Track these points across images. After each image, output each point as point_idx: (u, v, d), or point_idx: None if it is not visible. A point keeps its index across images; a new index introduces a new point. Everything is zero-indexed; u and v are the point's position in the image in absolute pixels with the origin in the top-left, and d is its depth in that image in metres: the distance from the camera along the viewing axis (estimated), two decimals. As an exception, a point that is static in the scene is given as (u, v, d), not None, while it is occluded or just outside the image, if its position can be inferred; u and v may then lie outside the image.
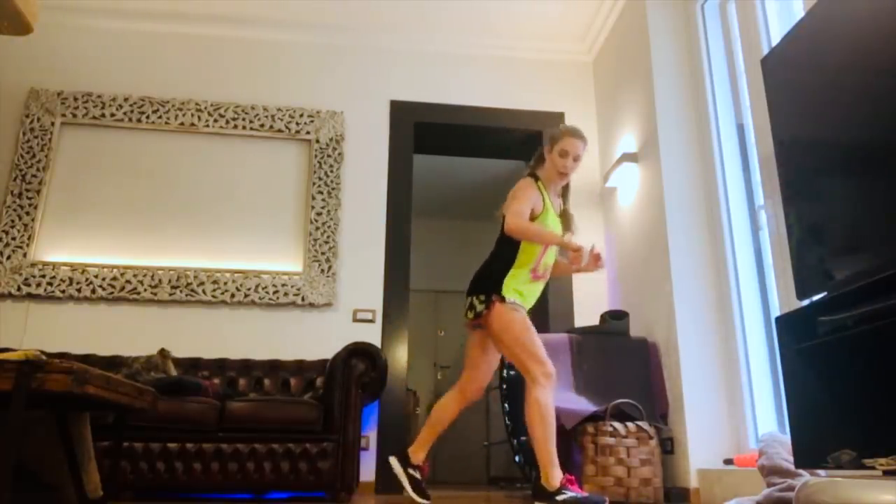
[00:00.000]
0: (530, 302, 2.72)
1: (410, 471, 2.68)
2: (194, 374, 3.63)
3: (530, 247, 2.69)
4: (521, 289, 2.65)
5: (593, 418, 3.08)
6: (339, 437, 3.18)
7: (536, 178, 2.79)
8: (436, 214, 7.67)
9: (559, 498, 2.45)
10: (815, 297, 1.91)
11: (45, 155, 4.09)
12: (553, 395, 2.56)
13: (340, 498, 3.13)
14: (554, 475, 2.49)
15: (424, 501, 2.63)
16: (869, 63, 1.73)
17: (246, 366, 3.77)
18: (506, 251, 2.69)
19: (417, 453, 2.73)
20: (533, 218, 2.68)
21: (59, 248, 3.99)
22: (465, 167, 6.57)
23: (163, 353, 3.51)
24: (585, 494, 2.49)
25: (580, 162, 2.79)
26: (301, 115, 4.40)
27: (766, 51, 3.01)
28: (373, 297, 4.15)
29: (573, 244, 2.64)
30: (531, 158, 2.96)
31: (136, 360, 3.45)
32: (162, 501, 3.21)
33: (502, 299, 2.58)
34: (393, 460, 2.71)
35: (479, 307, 2.61)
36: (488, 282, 2.65)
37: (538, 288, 2.75)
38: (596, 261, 2.72)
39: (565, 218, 2.84)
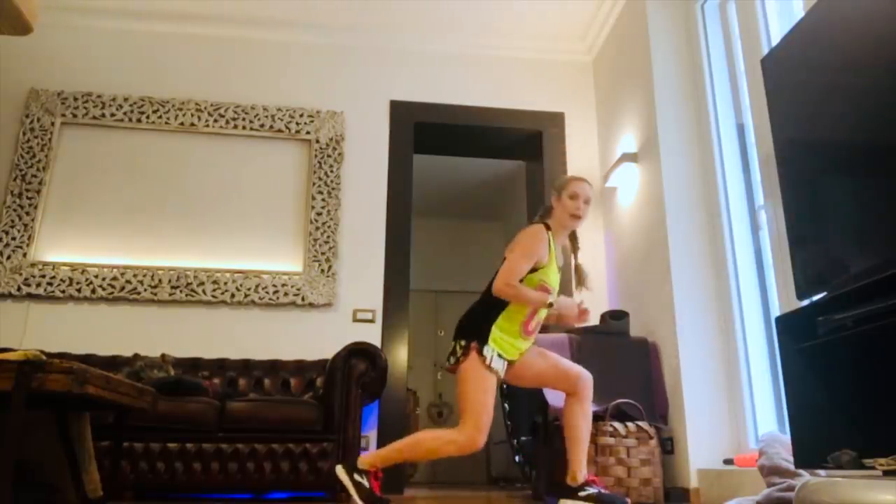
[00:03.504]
0: (520, 353, 2.58)
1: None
2: (194, 374, 3.63)
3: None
4: (510, 342, 2.51)
5: (593, 418, 3.08)
6: (339, 437, 3.19)
7: (548, 228, 2.63)
8: (436, 214, 7.68)
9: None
10: (815, 297, 1.91)
11: (45, 155, 4.09)
12: (450, 454, 2.41)
13: (340, 498, 3.13)
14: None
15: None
16: (869, 63, 1.73)
17: (246, 366, 3.77)
18: (498, 300, 2.52)
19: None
20: (535, 269, 2.52)
21: (59, 248, 3.99)
22: (465, 167, 6.58)
23: (164, 357, 3.52)
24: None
25: (590, 206, 2.66)
26: (301, 115, 4.40)
27: (766, 51, 3.01)
28: (373, 297, 4.15)
29: (564, 307, 2.56)
30: (531, 160, 2.92)
31: (139, 360, 3.46)
32: (162, 501, 3.21)
33: (480, 351, 2.43)
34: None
35: (459, 353, 2.46)
36: (473, 328, 2.49)
37: (527, 345, 2.60)
38: (581, 316, 2.63)
39: (578, 273, 2.72)
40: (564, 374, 2.58)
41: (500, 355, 2.47)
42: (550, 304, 2.50)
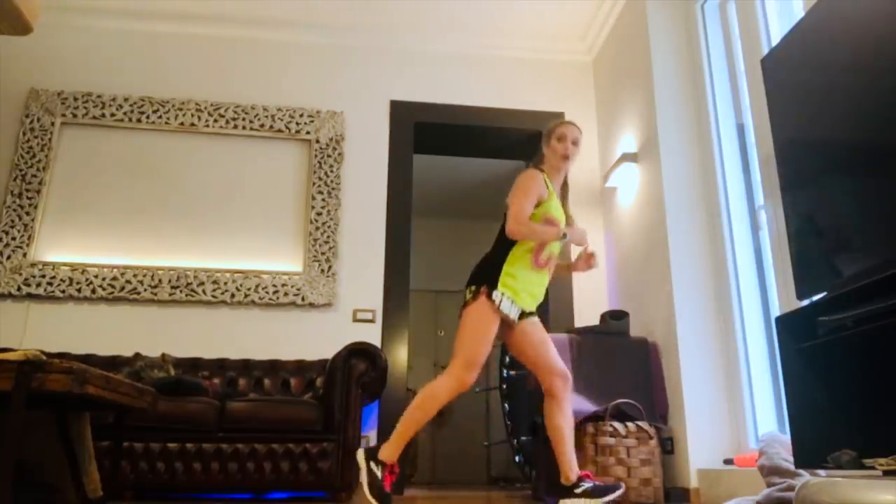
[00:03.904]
0: (533, 295, 2.59)
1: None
2: (194, 374, 3.63)
3: None
4: (520, 276, 2.53)
5: (593, 418, 3.08)
6: (339, 437, 3.19)
7: (541, 171, 2.70)
8: (436, 214, 7.67)
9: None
10: (815, 297, 1.91)
11: (45, 155, 4.09)
12: (448, 400, 2.47)
13: (340, 498, 3.13)
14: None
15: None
16: (869, 63, 1.73)
17: (246, 366, 3.77)
18: (505, 240, 2.59)
19: None
20: (538, 205, 2.60)
21: (59, 248, 3.99)
22: (465, 167, 6.57)
23: (164, 357, 3.52)
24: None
25: (579, 147, 2.71)
26: (301, 115, 4.40)
27: (766, 51, 3.01)
28: (373, 297, 4.15)
29: (577, 236, 2.61)
30: (531, 159, 2.91)
31: (139, 360, 3.45)
32: (162, 501, 3.21)
33: (490, 294, 2.47)
34: None
35: (468, 297, 2.52)
36: (485, 272, 2.55)
37: (542, 279, 2.62)
38: (589, 260, 2.70)
39: (566, 221, 2.74)
40: (548, 366, 2.58)
41: (512, 302, 2.50)
42: (564, 235, 2.56)
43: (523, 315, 2.58)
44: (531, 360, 2.62)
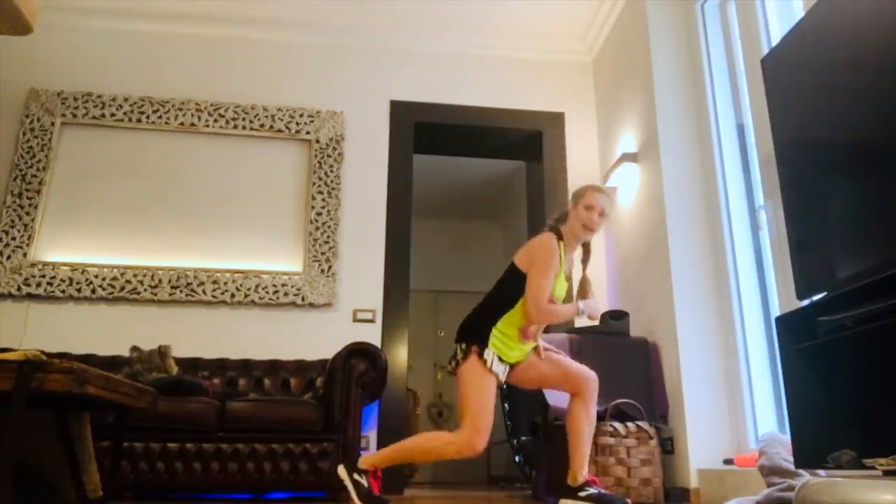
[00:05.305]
0: (521, 350, 2.54)
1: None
2: (194, 374, 3.63)
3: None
4: (508, 341, 2.47)
5: (593, 418, 3.08)
6: (339, 437, 3.19)
7: (559, 236, 2.57)
8: (436, 214, 7.68)
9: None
10: (815, 297, 1.91)
11: (45, 155, 4.09)
12: (451, 457, 2.40)
13: (340, 498, 3.13)
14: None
15: None
16: (869, 63, 1.73)
17: (246, 366, 3.77)
18: (501, 301, 2.51)
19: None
20: None
21: (59, 248, 3.99)
22: (465, 167, 6.57)
23: (161, 349, 3.51)
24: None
25: (606, 218, 2.61)
26: (301, 115, 4.40)
27: (766, 51, 3.01)
28: (373, 297, 4.15)
29: (591, 309, 2.56)
30: (532, 158, 2.89)
31: (137, 357, 3.45)
32: (162, 501, 3.21)
33: (480, 353, 2.41)
34: None
35: (459, 356, 2.45)
36: (474, 331, 2.48)
37: (525, 349, 2.56)
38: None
39: (583, 285, 2.66)
40: (568, 375, 2.56)
41: (500, 359, 2.46)
42: (581, 312, 2.52)
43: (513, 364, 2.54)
44: (559, 379, 2.58)
